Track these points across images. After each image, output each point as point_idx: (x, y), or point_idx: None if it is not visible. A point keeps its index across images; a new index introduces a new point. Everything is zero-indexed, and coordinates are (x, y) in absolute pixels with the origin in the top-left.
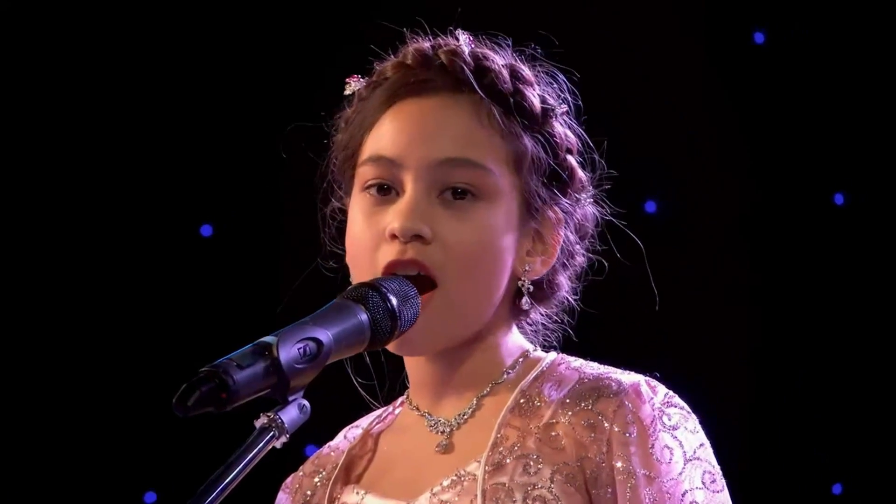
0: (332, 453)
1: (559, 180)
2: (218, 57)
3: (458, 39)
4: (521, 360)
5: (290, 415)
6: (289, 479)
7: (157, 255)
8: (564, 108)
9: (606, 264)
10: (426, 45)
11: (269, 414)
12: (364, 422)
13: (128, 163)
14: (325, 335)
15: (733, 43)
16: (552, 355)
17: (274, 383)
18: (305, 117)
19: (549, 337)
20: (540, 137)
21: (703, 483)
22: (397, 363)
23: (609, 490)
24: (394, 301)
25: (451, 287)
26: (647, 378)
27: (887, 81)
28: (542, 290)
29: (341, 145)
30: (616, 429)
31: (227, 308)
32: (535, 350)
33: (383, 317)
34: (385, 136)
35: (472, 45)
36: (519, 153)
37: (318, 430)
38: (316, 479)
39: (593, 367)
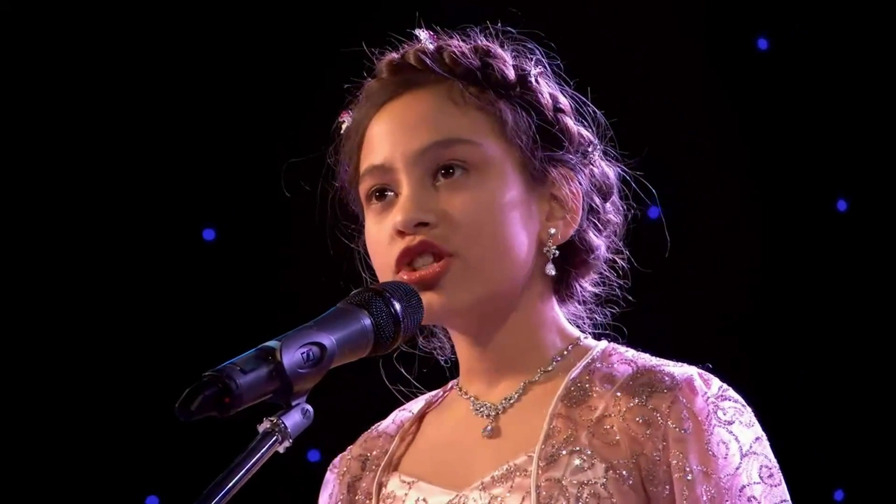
0: (381, 437)
1: (552, 138)
2: (220, 61)
3: (420, 39)
4: (570, 347)
5: (294, 419)
6: (336, 460)
7: (160, 259)
8: (540, 69)
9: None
10: (395, 55)
11: (272, 418)
12: (414, 405)
13: (130, 167)
14: (328, 340)
15: (733, 47)
16: (603, 344)
17: (277, 388)
18: (307, 121)
19: (599, 322)
20: (520, 101)
21: (761, 477)
22: (425, 363)
23: (667, 487)
24: (397, 306)
25: (466, 251)
26: (701, 371)
27: (889, 87)
28: (577, 253)
29: (346, 176)
30: (671, 425)
31: (230, 312)
32: (585, 338)
33: (386, 322)
34: (372, 146)
35: (436, 40)
36: (500, 120)
37: (322, 434)
38: (363, 464)
39: (646, 360)
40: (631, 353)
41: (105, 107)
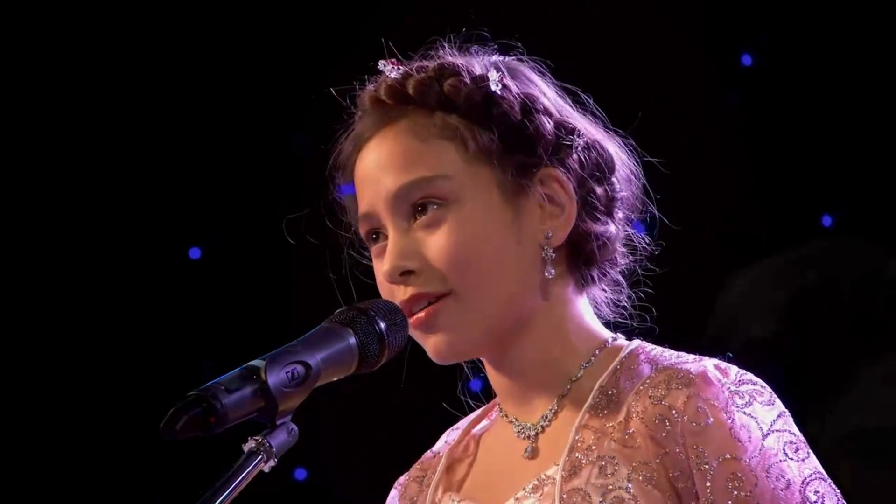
0: (435, 458)
1: (523, 146)
2: (207, 79)
3: (382, 72)
4: (597, 351)
5: (279, 438)
6: (402, 478)
7: (145, 278)
8: (500, 75)
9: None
10: (372, 87)
11: (257, 438)
12: (463, 423)
13: (118, 185)
14: (313, 359)
15: (721, 63)
16: (633, 344)
17: (262, 407)
18: (294, 133)
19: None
20: (483, 118)
21: (787, 454)
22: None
23: (694, 482)
24: (382, 325)
25: (456, 287)
26: (717, 362)
27: (878, 101)
28: (583, 244)
29: (351, 224)
30: (687, 420)
31: (215, 330)
32: (614, 339)
33: (371, 340)
34: (359, 191)
35: (399, 69)
36: (466, 144)
37: (309, 453)
38: (420, 484)
39: (665, 357)
40: (656, 351)
41: (93, 124)
